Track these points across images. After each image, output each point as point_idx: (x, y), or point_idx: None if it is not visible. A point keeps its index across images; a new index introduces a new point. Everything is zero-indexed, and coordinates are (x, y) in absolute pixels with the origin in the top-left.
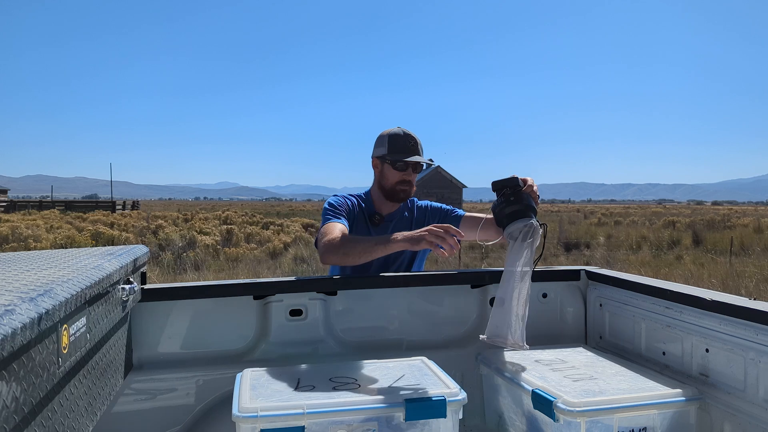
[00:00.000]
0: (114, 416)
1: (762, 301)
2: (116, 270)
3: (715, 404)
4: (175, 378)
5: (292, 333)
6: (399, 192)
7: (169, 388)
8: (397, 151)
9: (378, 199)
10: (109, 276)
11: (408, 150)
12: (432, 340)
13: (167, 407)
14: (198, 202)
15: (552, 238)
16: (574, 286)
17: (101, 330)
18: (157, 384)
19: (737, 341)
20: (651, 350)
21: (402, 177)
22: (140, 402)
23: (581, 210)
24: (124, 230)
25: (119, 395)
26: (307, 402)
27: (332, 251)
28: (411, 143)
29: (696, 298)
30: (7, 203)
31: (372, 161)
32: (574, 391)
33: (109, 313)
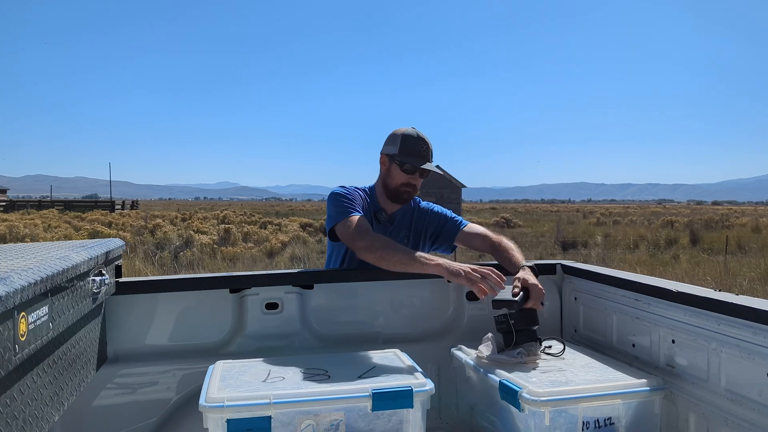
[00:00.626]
0: (89, 408)
1: (726, 293)
2: (84, 261)
3: (680, 394)
4: (151, 371)
5: (268, 326)
6: (402, 194)
7: (145, 381)
8: (407, 152)
9: (381, 197)
10: (76, 267)
11: (419, 154)
12: (409, 333)
13: (143, 400)
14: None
15: (550, 237)
16: (551, 280)
17: (66, 321)
18: (133, 377)
19: (701, 332)
20: (622, 342)
21: (408, 180)
22: (116, 395)
23: (581, 210)
24: (121, 230)
25: (94, 387)
26: (274, 392)
27: (371, 251)
28: (423, 148)
29: (662, 290)
30: (7, 203)
31: (380, 157)
32: (540, 382)
33: (77, 305)
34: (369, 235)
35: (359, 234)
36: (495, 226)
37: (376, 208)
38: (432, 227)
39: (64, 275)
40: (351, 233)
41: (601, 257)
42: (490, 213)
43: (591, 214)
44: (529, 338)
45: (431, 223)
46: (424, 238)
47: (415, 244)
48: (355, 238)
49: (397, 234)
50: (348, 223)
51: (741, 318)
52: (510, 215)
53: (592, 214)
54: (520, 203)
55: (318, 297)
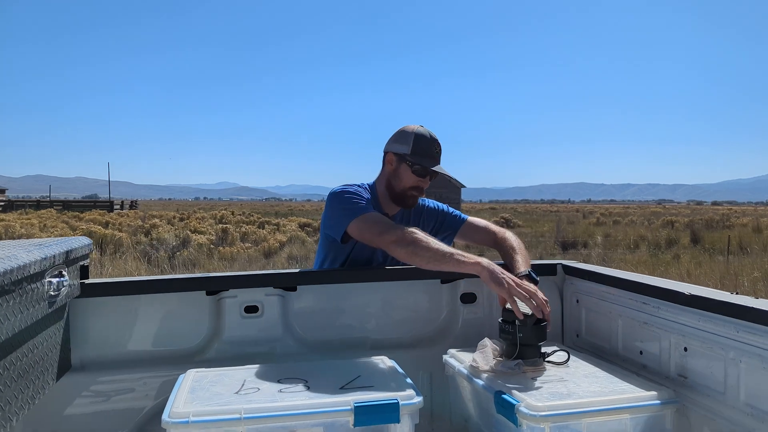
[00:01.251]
0: (55, 419)
1: (744, 296)
2: (35, 261)
3: (694, 408)
4: (121, 379)
5: (247, 331)
6: (408, 197)
7: (115, 390)
8: (420, 153)
9: (383, 197)
10: (24, 267)
11: (432, 156)
12: (399, 338)
13: (113, 410)
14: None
15: (549, 237)
16: (551, 281)
17: (13, 327)
18: (102, 385)
19: (717, 339)
20: (628, 349)
21: (418, 183)
22: (83, 404)
23: (580, 210)
24: (118, 229)
25: (59, 397)
26: (246, 406)
27: (402, 245)
28: (436, 150)
29: (673, 293)
30: (5, 203)
31: (386, 155)
32: (539, 394)
33: (27, 309)
34: (397, 228)
35: (387, 229)
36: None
37: (378, 211)
38: (430, 223)
39: (8, 276)
40: (374, 229)
41: (602, 257)
42: (490, 213)
43: (591, 214)
44: (534, 355)
45: (429, 219)
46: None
47: None
48: (383, 233)
49: None
50: (367, 219)
51: (763, 324)
52: (509, 215)
53: (591, 214)
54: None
55: (301, 299)
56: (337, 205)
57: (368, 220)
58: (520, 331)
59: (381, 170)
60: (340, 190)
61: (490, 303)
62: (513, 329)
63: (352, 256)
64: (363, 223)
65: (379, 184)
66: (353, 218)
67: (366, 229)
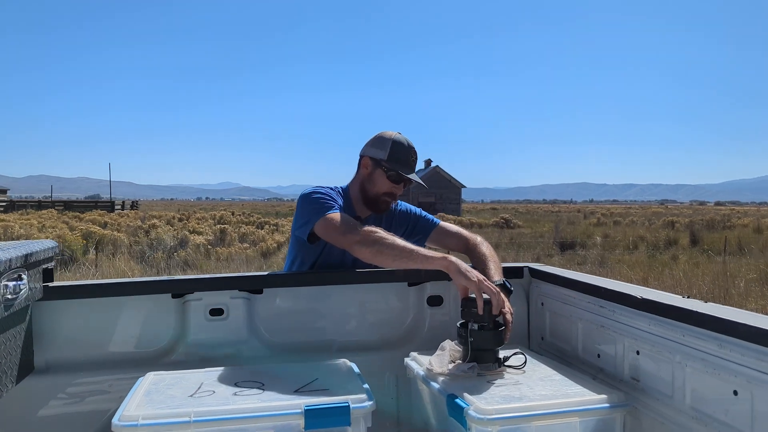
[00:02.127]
0: (19, 422)
1: (695, 300)
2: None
3: (645, 411)
4: (86, 381)
5: (212, 334)
6: (381, 203)
7: (80, 393)
8: (397, 160)
9: (356, 201)
10: None
11: (408, 163)
12: (366, 341)
13: (77, 412)
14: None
15: (548, 238)
16: (517, 285)
17: None
18: (66, 388)
19: (665, 343)
20: (587, 352)
21: (391, 189)
22: (48, 407)
23: (582, 210)
24: (117, 230)
25: (22, 399)
26: (197, 409)
27: (366, 244)
28: (412, 158)
29: (626, 296)
30: (7, 203)
31: (362, 159)
32: (491, 398)
33: None
34: (361, 227)
35: (349, 228)
36: (494, 226)
37: (350, 214)
38: (402, 227)
39: None
40: (339, 229)
41: (599, 258)
42: (491, 213)
43: (592, 214)
44: (490, 359)
45: (401, 223)
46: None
47: None
48: (346, 233)
49: None
50: (333, 218)
51: (706, 329)
52: (510, 215)
53: (593, 214)
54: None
55: (267, 302)
56: (306, 206)
57: (334, 219)
58: (473, 335)
59: (356, 173)
60: (310, 191)
61: (456, 306)
62: (466, 333)
63: (321, 258)
64: (329, 223)
65: (352, 188)
66: (319, 217)
67: (331, 229)
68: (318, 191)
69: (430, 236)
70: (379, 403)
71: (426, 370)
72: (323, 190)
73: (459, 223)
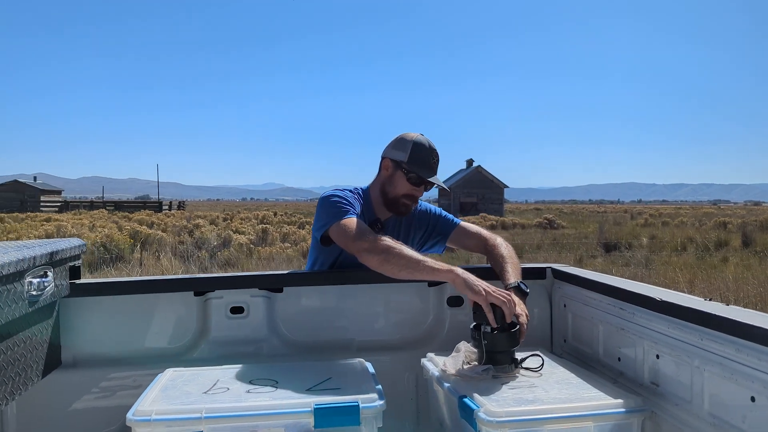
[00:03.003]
0: (47, 415)
1: (716, 303)
2: (7, 263)
3: (664, 416)
4: (112, 376)
5: (233, 331)
6: (401, 205)
7: (105, 387)
8: (417, 162)
9: (377, 203)
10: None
11: (429, 166)
12: (385, 340)
13: (102, 407)
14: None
15: (592, 239)
16: (540, 285)
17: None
18: (92, 382)
19: (684, 347)
20: (608, 355)
21: (411, 191)
22: (75, 401)
23: (629, 210)
24: (162, 229)
25: (51, 393)
26: (208, 405)
27: (374, 252)
28: (434, 160)
29: (646, 298)
30: (61, 203)
31: (383, 161)
32: (503, 400)
33: (4, 307)
34: (371, 235)
35: (360, 235)
36: (537, 227)
37: (370, 216)
38: (422, 227)
39: None
40: (350, 235)
41: (645, 259)
42: (534, 214)
43: (639, 215)
44: (505, 361)
45: (422, 223)
46: (412, 239)
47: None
48: (356, 239)
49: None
50: (345, 224)
51: (723, 332)
52: (554, 216)
53: (640, 215)
54: (566, 204)
55: (287, 301)
56: (324, 209)
57: (347, 225)
58: (486, 338)
59: (377, 175)
60: (329, 194)
61: None
62: (479, 336)
63: (341, 260)
64: (341, 228)
65: (373, 189)
66: (334, 222)
67: (342, 234)
68: (336, 194)
69: (450, 237)
70: (399, 403)
71: (440, 371)
72: (342, 194)
73: (501, 224)
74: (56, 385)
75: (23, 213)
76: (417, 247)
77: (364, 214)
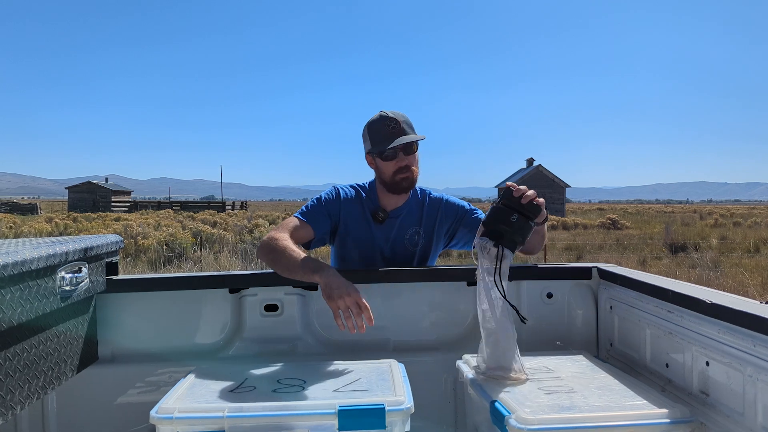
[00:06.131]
0: (81, 408)
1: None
2: (38, 258)
3: (714, 428)
4: (147, 372)
5: (267, 329)
6: (400, 182)
7: (142, 383)
8: (378, 140)
9: (382, 194)
10: (22, 263)
11: (390, 135)
12: (422, 341)
13: (138, 402)
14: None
15: (657, 240)
16: (585, 286)
17: (19, 318)
18: (129, 378)
19: (736, 353)
20: (655, 361)
21: (396, 165)
22: (109, 395)
23: (698, 210)
24: (224, 229)
25: (88, 387)
26: (231, 404)
27: (265, 251)
28: (391, 125)
29: (695, 300)
30: (131, 204)
31: (366, 160)
32: (538, 406)
33: (32, 302)
34: (277, 235)
35: (271, 234)
36: (600, 227)
37: (374, 208)
38: (448, 221)
39: (4, 270)
40: (271, 231)
41: (714, 261)
42: (597, 214)
43: (709, 215)
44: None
45: (446, 217)
46: (438, 233)
47: (428, 240)
48: (267, 237)
49: (406, 231)
50: (283, 222)
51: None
52: (618, 216)
53: (710, 215)
54: (631, 204)
55: (322, 299)
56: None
57: (282, 223)
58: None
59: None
60: (318, 195)
61: (518, 308)
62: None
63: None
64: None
65: (376, 184)
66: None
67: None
68: (318, 196)
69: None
70: (436, 406)
71: (473, 369)
72: (323, 194)
73: (562, 224)
74: (94, 380)
75: (95, 213)
76: (444, 240)
77: (363, 208)
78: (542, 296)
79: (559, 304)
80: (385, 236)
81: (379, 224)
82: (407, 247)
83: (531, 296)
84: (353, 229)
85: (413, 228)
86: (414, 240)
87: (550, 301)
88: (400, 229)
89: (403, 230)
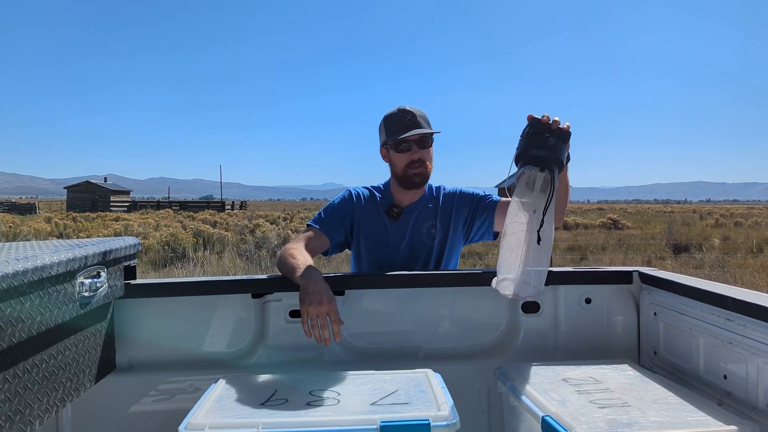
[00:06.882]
0: (101, 420)
1: None
2: (57, 263)
3: None
4: (167, 380)
5: (292, 336)
6: (412, 176)
7: (162, 392)
8: (394, 131)
9: (396, 190)
10: (41, 269)
11: (405, 127)
12: (455, 348)
13: (159, 411)
14: (304, 202)
15: (660, 240)
16: (626, 291)
17: (38, 326)
18: (148, 387)
19: None
20: (711, 372)
21: (409, 158)
22: (127, 405)
23: (698, 210)
24: (225, 229)
25: (106, 396)
26: (265, 420)
27: (278, 263)
28: (407, 118)
29: (761, 309)
30: (129, 203)
31: (380, 153)
32: (593, 421)
33: (51, 310)
34: (288, 246)
35: (286, 245)
36: (601, 227)
37: (388, 205)
38: (464, 211)
39: (20, 278)
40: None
41: (719, 261)
42: (597, 214)
43: (709, 215)
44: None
45: (462, 207)
46: (455, 225)
47: (445, 233)
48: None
49: (422, 225)
50: (298, 234)
51: None
52: (618, 216)
53: (710, 215)
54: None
55: (349, 304)
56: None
57: (301, 233)
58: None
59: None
60: (334, 199)
61: (555, 314)
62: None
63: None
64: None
65: (390, 180)
66: None
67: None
68: (335, 201)
69: (497, 211)
70: (469, 417)
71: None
72: (336, 199)
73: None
74: (111, 390)
75: (94, 212)
76: (462, 232)
77: (377, 207)
78: (580, 302)
79: (597, 310)
80: (401, 232)
81: (394, 220)
82: (425, 241)
83: (569, 302)
84: (367, 227)
85: (429, 221)
86: (431, 233)
87: (589, 306)
88: (415, 224)
89: (418, 225)
